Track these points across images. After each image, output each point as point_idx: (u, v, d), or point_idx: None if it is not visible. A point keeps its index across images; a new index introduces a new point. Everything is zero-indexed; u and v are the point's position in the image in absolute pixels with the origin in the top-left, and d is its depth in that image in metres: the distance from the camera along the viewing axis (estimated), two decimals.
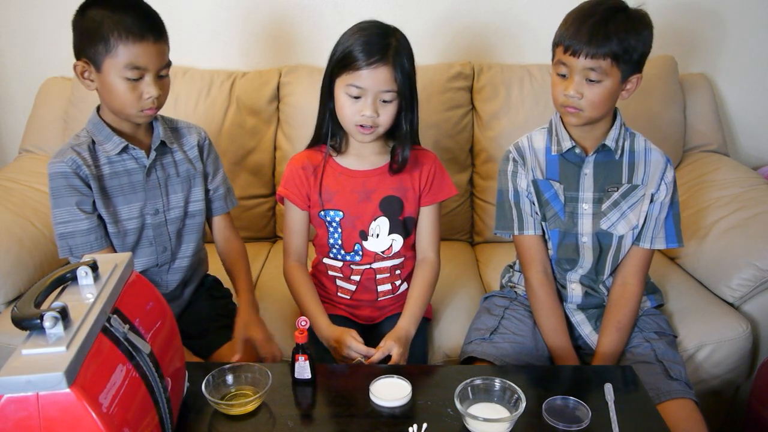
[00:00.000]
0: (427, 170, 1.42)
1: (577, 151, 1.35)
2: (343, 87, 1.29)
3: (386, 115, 1.29)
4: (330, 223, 1.41)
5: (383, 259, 1.44)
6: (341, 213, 1.39)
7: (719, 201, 1.76)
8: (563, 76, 1.27)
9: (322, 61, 2.05)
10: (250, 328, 1.34)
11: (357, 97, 1.28)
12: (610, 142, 1.33)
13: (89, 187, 1.27)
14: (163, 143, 1.35)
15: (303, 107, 1.92)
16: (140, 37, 1.20)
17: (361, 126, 1.29)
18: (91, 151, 1.29)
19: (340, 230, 1.41)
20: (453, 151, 1.95)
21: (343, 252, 1.43)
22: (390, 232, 1.41)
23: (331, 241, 1.43)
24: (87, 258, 0.93)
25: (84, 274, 0.89)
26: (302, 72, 1.98)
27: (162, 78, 1.26)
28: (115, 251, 1.32)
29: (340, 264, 1.45)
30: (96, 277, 0.90)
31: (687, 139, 2.06)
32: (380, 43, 1.25)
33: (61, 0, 2.05)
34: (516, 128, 1.90)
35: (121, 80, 1.21)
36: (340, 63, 1.29)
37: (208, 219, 1.49)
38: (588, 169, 1.36)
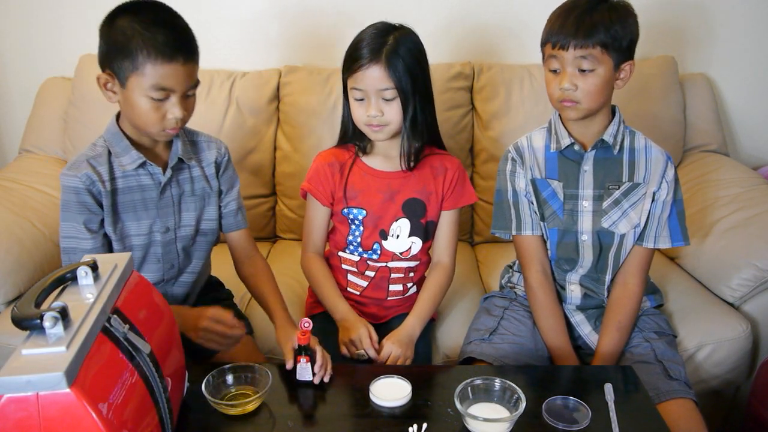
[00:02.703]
0: (450, 175, 1.44)
1: (576, 148, 1.35)
2: (350, 91, 1.33)
3: (392, 113, 1.31)
4: (353, 220, 1.43)
5: (400, 259, 1.45)
6: (364, 211, 1.41)
7: (719, 201, 1.76)
8: (555, 71, 1.27)
9: (322, 61, 2.08)
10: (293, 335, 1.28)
11: (362, 99, 1.31)
12: (608, 137, 1.33)
13: (100, 205, 1.23)
14: (180, 159, 1.29)
15: (303, 107, 1.93)
16: (170, 58, 1.13)
17: (371, 125, 1.32)
18: (108, 164, 1.23)
19: (362, 228, 1.43)
20: (453, 151, 1.95)
21: (360, 249, 1.45)
22: (410, 235, 1.43)
23: (350, 238, 1.44)
24: (87, 258, 0.93)
25: (84, 274, 0.89)
26: (302, 72, 1.98)
27: (188, 97, 1.21)
28: None
29: (356, 258, 1.46)
30: (96, 277, 0.90)
31: (687, 138, 2.06)
32: (374, 43, 1.28)
33: (60, 0, 2.05)
34: (516, 128, 1.91)
35: (146, 99, 1.16)
36: (345, 67, 1.33)
37: (225, 236, 1.44)
38: (587, 166, 1.36)
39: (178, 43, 1.15)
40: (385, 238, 1.43)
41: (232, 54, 2.10)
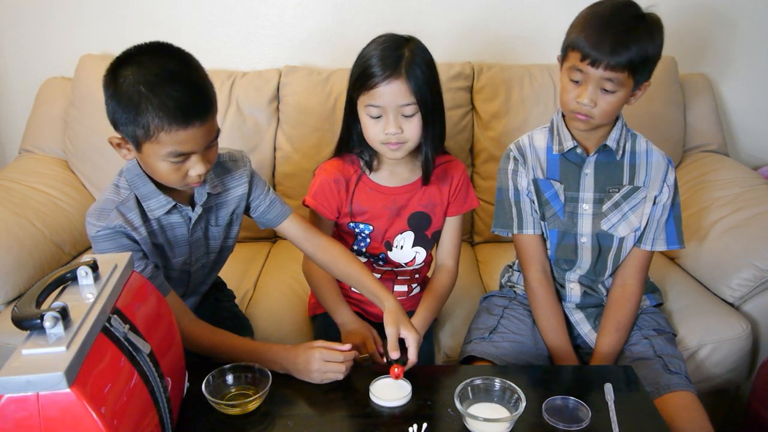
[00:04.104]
0: (456, 182, 1.42)
1: (579, 151, 1.35)
2: (363, 108, 1.26)
3: (411, 130, 1.25)
4: (359, 234, 1.42)
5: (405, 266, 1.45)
6: (371, 227, 1.40)
7: (719, 201, 1.76)
8: (576, 82, 1.24)
9: (322, 61, 2.08)
10: (402, 321, 1.17)
11: (378, 116, 1.24)
12: (611, 142, 1.32)
13: (138, 243, 1.14)
14: (208, 193, 1.21)
15: (303, 107, 1.93)
16: (185, 124, 1.01)
17: (389, 143, 1.27)
18: (138, 208, 1.14)
19: (368, 240, 1.42)
20: (453, 151, 1.92)
21: (367, 254, 1.44)
22: (414, 245, 1.42)
23: (356, 247, 1.43)
24: (87, 258, 0.93)
25: (84, 274, 0.89)
26: (302, 72, 1.98)
27: (209, 149, 1.10)
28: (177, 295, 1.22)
29: (364, 260, 1.45)
30: (96, 277, 0.90)
31: (687, 139, 2.06)
32: (391, 57, 1.21)
33: (61, 0, 2.05)
34: (516, 128, 1.91)
35: (165, 163, 1.06)
36: (357, 82, 1.25)
37: (278, 231, 1.34)
38: (589, 169, 1.36)
39: (192, 102, 1.02)
40: (390, 249, 1.42)
41: (232, 54, 2.10)
